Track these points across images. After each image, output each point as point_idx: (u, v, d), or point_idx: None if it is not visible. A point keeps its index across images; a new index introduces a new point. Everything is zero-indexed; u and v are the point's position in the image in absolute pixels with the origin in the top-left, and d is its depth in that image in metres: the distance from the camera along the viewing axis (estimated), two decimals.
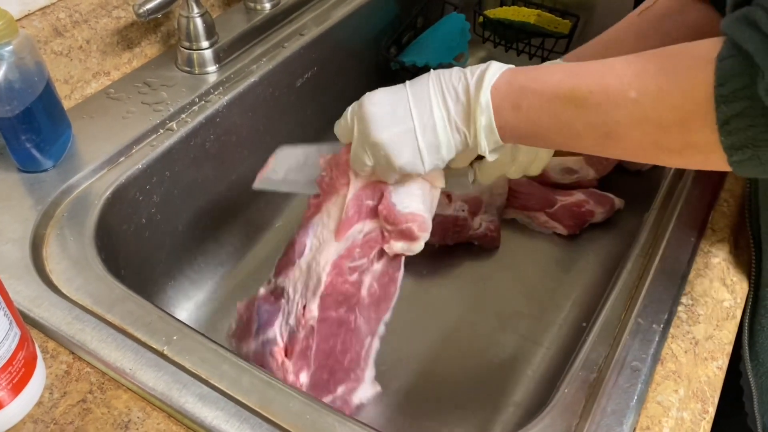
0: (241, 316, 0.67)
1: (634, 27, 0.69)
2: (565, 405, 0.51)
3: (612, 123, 0.47)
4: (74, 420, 0.48)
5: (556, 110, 0.49)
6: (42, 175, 0.67)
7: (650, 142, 0.46)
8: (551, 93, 0.49)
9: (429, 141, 0.54)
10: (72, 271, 0.59)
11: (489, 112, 0.51)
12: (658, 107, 0.44)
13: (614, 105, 0.46)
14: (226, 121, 0.79)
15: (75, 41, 0.74)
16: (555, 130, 0.50)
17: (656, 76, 0.44)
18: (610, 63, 0.48)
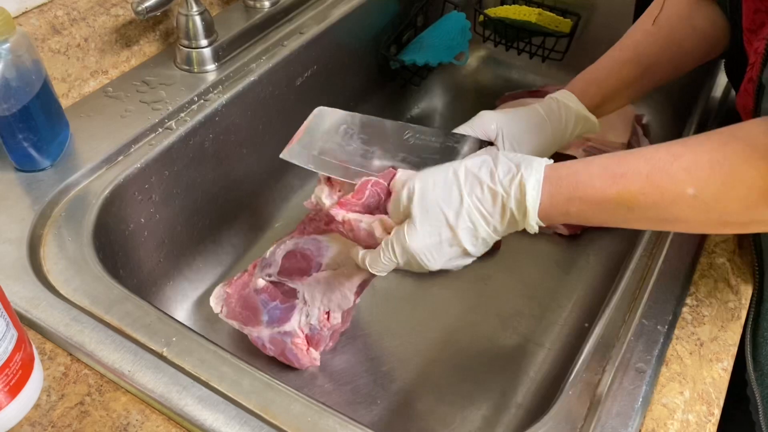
0: (230, 297, 0.70)
1: (650, 38, 0.69)
2: (569, 407, 0.50)
3: (671, 216, 0.47)
4: (72, 423, 0.48)
5: (608, 211, 0.49)
6: (39, 174, 0.67)
7: (714, 223, 0.46)
8: (599, 198, 0.48)
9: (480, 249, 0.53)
10: (70, 271, 0.58)
11: (536, 224, 0.51)
12: (720, 200, 0.44)
13: (672, 202, 0.45)
14: (226, 120, 0.79)
15: (73, 39, 0.73)
16: (610, 222, 0.50)
17: (713, 171, 0.43)
18: (652, 158, 0.46)
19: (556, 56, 1.03)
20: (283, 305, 0.70)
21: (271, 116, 0.86)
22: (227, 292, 0.71)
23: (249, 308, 0.70)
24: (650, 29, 0.70)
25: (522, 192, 0.50)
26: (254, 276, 0.71)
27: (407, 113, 1.11)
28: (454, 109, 1.13)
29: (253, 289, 0.70)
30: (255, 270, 0.71)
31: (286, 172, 0.93)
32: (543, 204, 0.50)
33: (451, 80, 1.15)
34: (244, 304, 0.70)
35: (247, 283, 0.71)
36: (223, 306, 0.71)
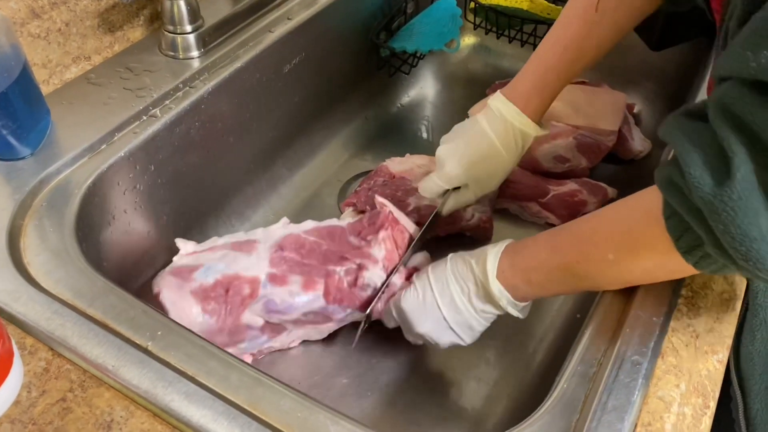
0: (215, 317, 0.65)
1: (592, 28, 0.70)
2: (564, 400, 0.49)
3: (607, 278, 0.55)
4: (54, 420, 0.46)
5: (560, 277, 0.56)
6: (19, 163, 0.65)
7: (649, 278, 0.54)
8: (548, 267, 0.56)
9: (460, 324, 0.62)
10: (51, 263, 0.57)
11: (504, 294, 0.59)
12: (635, 260, 0.50)
13: (599, 268, 0.53)
14: (212, 108, 0.77)
15: (53, 23, 0.71)
16: (568, 288, 0.60)
17: (623, 238, 0.51)
18: (580, 232, 0.55)
19: None
20: (268, 340, 0.69)
21: (258, 104, 0.84)
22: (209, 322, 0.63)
23: (231, 336, 0.65)
24: (593, 18, 0.69)
25: (483, 261, 0.59)
26: (249, 310, 0.64)
27: (397, 101, 1.10)
28: (444, 97, 1.12)
29: (245, 324, 0.65)
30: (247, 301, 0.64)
31: (274, 162, 0.91)
32: (505, 272, 0.58)
33: (441, 68, 1.13)
34: (227, 333, 0.65)
35: (238, 314, 0.64)
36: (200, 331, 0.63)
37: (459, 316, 0.61)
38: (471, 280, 0.60)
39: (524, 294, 0.59)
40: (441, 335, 0.63)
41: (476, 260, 0.60)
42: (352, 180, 0.96)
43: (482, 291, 0.60)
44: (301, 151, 0.96)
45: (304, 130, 0.96)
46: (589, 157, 0.93)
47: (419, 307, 0.63)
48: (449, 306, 0.61)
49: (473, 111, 0.98)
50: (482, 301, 0.60)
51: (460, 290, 0.61)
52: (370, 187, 0.86)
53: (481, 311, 0.61)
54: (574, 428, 0.48)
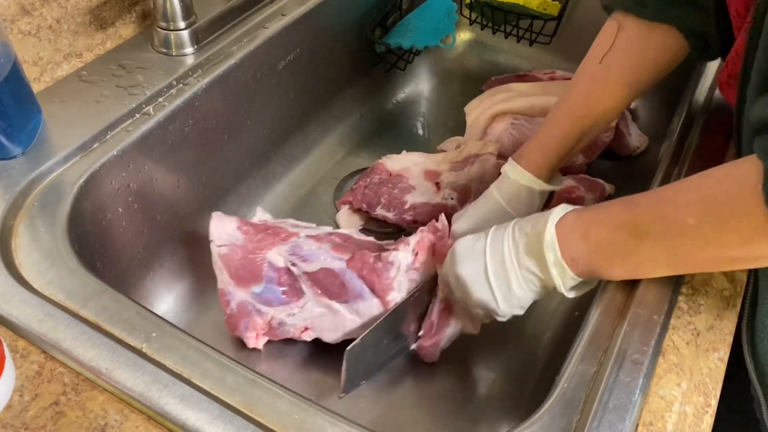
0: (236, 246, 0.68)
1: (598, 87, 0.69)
2: (565, 400, 0.49)
3: (676, 247, 0.50)
4: (47, 424, 0.46)
5: (622, 239, 0.52)
6: (10, 162, 0.64)
7: (720, 259, 0.50)
8: (615, 223, 0.53)
9: (500, 278, 0.57)
10: (43, 264, 0.56)
11: (554, 247, 0.54)
12: (718, 231, 0.47)
13: (677, 233, 0.49)
14: (206, 105, 0.76)
15: (44, 20, 0.70)
16: (624, 259, 0.53)
17: (710, 204, 0.47)
18: (660, 193, 0.52)
19: (543, 40, 1.01)
20: (281, 296, 0.67)
21: (252, 101, 0.83)
22: (239, 238, 0.68)
23: (249, 270, 0.67)
24: (598, 75, 0.68)
25: (549, 213, 0.55)
26: (276, 248, 0.67)
27: (393, 98, 1.09)
28: (440, 93, 1.11)
29: (267, 261, 0.67)
30: (278, 242, 0.68)
31: (269, 159, 0.90)
32: (567, 224, 0.54)
33: (437, 64, 1.13)
34: (247, 263, 0.67)
35: (265, 247, 0.67)
36: (225, 245, 0.67)
37: (501, 268, 0.57)
38: (528, 234, 0.56)
39: (575, 254, 0.54)
40: (476, 286, 0.59)
41: (543, 213, 0.57)
42: (348, 177, 0.95)
43: (534, 244, 0.55)
44: (296, 149, 0.95)
45: (299, 127, 0.95)
46: (586, 153, 0.93)
47: (467, 250, 0.60)
48: (494, 255, 0.58)
49: (469, 109, 0.97)
50: (530, 257, 0.56)
51: (513, 244, 0.57)
52: (367, 185, 0.86)
53: (525, 268, 0.56)
54: (575, 428, 0.47)
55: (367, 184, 0.86)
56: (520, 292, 0.57)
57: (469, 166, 0.86)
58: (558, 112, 0.72)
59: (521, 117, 0.94)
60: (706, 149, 0.70)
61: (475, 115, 0.95)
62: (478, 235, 0.60)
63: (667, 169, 0.68)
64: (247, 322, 0.68)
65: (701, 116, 0.74)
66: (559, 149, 0.71)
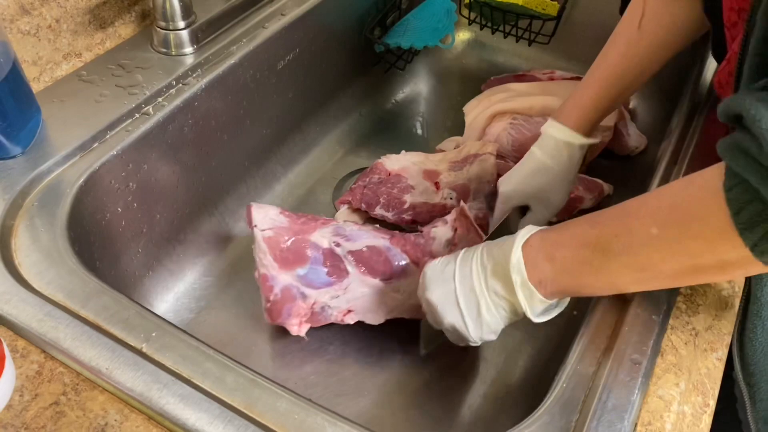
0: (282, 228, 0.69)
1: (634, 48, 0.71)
2: (564, 400, 0.49)
3: (643, 261, 0.49)
4: (47, 424, 0.46)
5: (588, 257, 0.51)
6: (9, 162, 0.64)
7: (687, 269, 0.48)
8: (579, 242, 0.52)
9: (470, 302, 0.57)
10: (43, 264, 0.56)
11: (521, 269, 0.54)
12: (682, 238, 0.46)
13: (640, 243, 0.48)
14: (205, 105, 0.76)
15: (43, 20, 0.70)
16: (592, 277, 0.52)
17: (671, 212, 0.47)
18: (624, 207, 0.51)
19: (542, 39, 1.01)
20: (325, 277, 0.68)
21: (252, 101, 0.83)
22: (284, 221, 0.69)
23: (294, 252, 0.67)
24: (634, 37, 0.70)
25: (515, 236, 0.56)
26: (319, 230, 0.69)
27: (392, 98, 1.09)
28: (439, 93, 1.11)
29: (312, 242, 0.68)
30: (320, 225, 0.70)
31: (268, 159, 0.90)
32: (532, 246, 0.54)
33: (436, 64, 1.13)
34: (293, 245, 0.68)
35: (310, 230, 0.69)
36: (269, 228, 0.68)
37: (470, 293, 0.57)
38: (495, 257, 0.56)
39: (542, 276, 0.54)
40: (446, 310, 0.59)
41: (510, 237, 0.57)
42: (347, 177, 0.95)
43: (501, 266, 0.55)
44: (295, 148, 0.95)
45: (299, 126, 0.95)
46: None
47: (438, 274, 0.60)
48: (463, 280, 0.58)
49: (468, 108, 0.97)
50: (497, 279, 0.56)
51: (481, 267, 0.57)
52: (366, 185, 0.86)
53: (493, 292, 0.56)
54: (575, 427, 0.47)
55: (366, 183, 0.86)
56: (489, 317, 0.57)
57: (468, 165, 0.86)
58: (596, 71, 0.73)
59: (520, 117, 0.94)
60: (705, 149, 0.70)
61: (474, 115, 0.96)
62: (447, 259, 0.61)
63: (665, 169, 0.68)
64: (290, 308, 0.67)
65: (700, 116, 0.75)
66: (597, 105, 0.72)
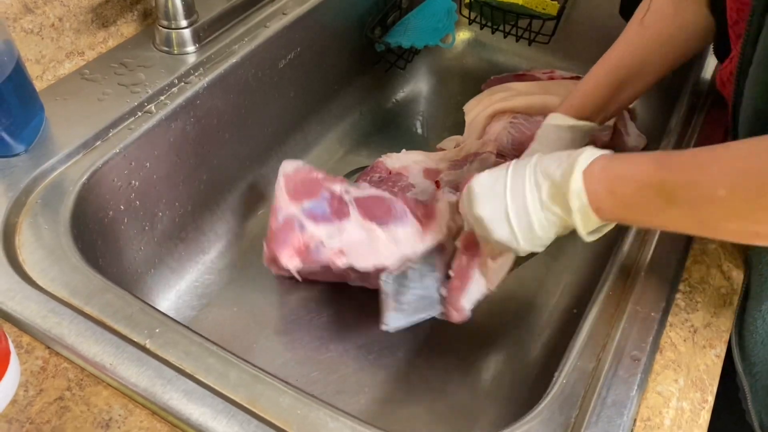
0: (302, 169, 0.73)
1: (636, 39, 0.71)
2: (564, 396, 0.49)
3: (704, 216, 0.47)
4: (51, 419, 0.46)
5: (650, 199, 0.49)
6: (13, 160, 0.64)
7: (749, 233, 0.46)
8: (643, 183, 0.50)
9: (521, 219, 0.56)
10: (47, 261, 0.56)
11: (581, 196, 0.52)
12: (749, 206, 0.44)
13: (704, 201, 0.46)
14: (207, 104, 0.76)
15: (47, 19, 0.70)
16: (650, 216, 0.51)
17: (745, 177, 0.44)
18: (697, 157, 0.48)
19: (542, 39, 1.02)
20: (327, 213, 0.70)
21: (254, 99, 0.84)
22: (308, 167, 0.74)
23: (307, 187, 0.71)
24: (637, 30, 0.70)
25: (576, 155, 0.53)
26: (331, 179, 0.73)
27: (392, 97, 1.09)
28: (439, 92, 1.12)
29: (323, 183, 0.72)
30: (339, 181, 0.73)
31: (270, 157, 0.91)
32: (594, 173, 0.52)
33: (436, 63, 1.13)
34: (308, 182, 0.72)
35: (327, 179, 0.73)
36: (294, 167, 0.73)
37: (522, 210, 0.55)
38: (552, 175, 0.54)
39: (600, 205, 0.52)
40: (497, 226, 0.57)
41: (569, 154, 0.54)
42: (347, 176, 0.95)
43: (559, 187, 0.53)
44: (296, 147, 0.95)
45: (300, 125, 0.95)
46: None
47: (486, 190, 0.58)
48: (515, 197, 0.56)
49: (468, 108, 0.97)
50: (554, 199, 0.54)
51: (535, 184, 0.55)
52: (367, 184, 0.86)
53: (547, 209, 0.54)
54: (574, 424, 0.48)
55: (367, 182, 0.86)
56: (541, 233, 0.56)
57: (469, 164, 0.87)
58: (597, 65, 0.73)
59: (520, 116, 0.94)
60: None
61: (474, 114, 0.96)
62: (496, 174, 0.58)
63: None
64: (287, 237, 0.70)
65: (699, 116, 0.75)
66: (596, 92, 0.72)
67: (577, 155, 0.53)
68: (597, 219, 0.53)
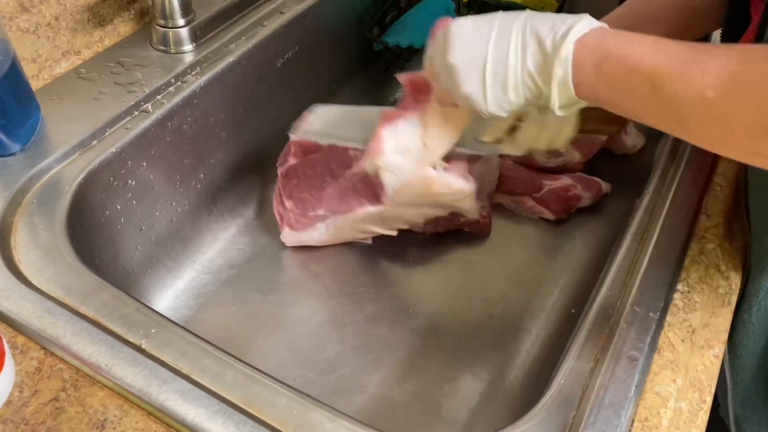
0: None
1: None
2: (561, 396, 0.49)
3: (685, 114, 0.45)
4: (46, 420, 0.46)
5: (635, 84, 0.47)
6: (9, 159, 0.64)
7: (722, 142, 0.45)
8: (633, 65, 0.47)
9: (497, 76, 0.51)
10: (42, 260, 0.56)
11: (567, 66, 0.48)
12: (735, 113, 0.42)
13: (690, 98, 0.44)
14: (204, 103, 0.76)
15: (43, 17, 0.70)
16: (630, 102, 0.49)
17: (734, 81, 0.42)
18: (694, 51, 0.45)
19: None
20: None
21: (251, 99, 0.84)
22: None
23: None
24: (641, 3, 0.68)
25: (573, 21, 0.49)
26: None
27: (391, 96, 1.09)
28: None
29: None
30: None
31: (268, 157, 0.90)
32: (587, 44, 0.48)
33: None
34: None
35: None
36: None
37: (501, 67, 0.51)
38: (542, 37, 0.50)
39: (582, 79, 0.49)
40: (468, 78, 0.52)
41: (564, 18, 0.50)
42: None
43: (546, 52, 0.49)
44: None
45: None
46: (583, 152, 0.93)
47: (466, 37, 0.52)
48: (498, 51, 0.51)
49: None
50: (536, 63, 0.50)
51: (521, 42, 0.50)
52: None
53: (528, 74, 0.50)
54: (572, 424, 0.47)
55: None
56: (513, 97, 0.52)
57: (472, 165, 0.86)
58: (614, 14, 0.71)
59: None
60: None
61: None
62: (481, 22, 0.53)
63: (663, 168, 0.68)
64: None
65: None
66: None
67: (574, 21, 0.49)
68: (573, 94, 0.50)
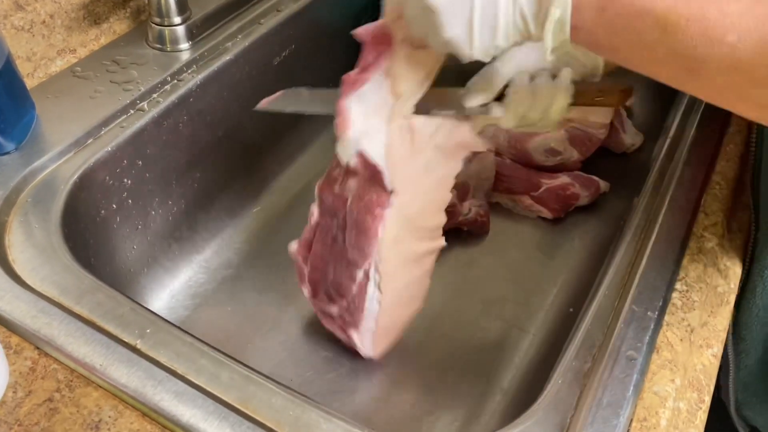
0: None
1: None
2: (559, 396, 0.49)
3: (699, 61, 0.41)
4: (40, 420, 0.45)
5: (643, 28, 0.42)
6: (3, 158, 0.64)
7: (734, 92, 0.41)
8: (643, 7, 0.42)
9: (486, 17, 0.45)
10: (37, 260, 0.56)
11: (566, 5, 0.43)
12: (757, 60, 0.39)
13: (708, 43, 0.40)
14: (200, 101, 0.76)
15: (38, 15, 0.70)
16: (634, 47, 0.43)
17: (760, 24, 0.38)
18: None
19: None
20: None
21: (248, 97, 0.83)
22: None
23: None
24: None
25: None
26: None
27: None
28: None
29: None
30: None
31: (264, 155, 0.90)
32: None
33: None
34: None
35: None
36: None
37: (491, 8, 0.44)
38: None
39: (582, 23, 0.44)
40: (453, 20, 0.46)
41: None
42: None
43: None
44: (291, 146, 0.95)
45: (294, 124, 0.95)
46: (581, 150, 0.93)
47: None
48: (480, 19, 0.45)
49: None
50: (532, 3, 0.44)
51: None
52: None
53: (520, 13, 0.44)
54: (570, 424, 0.47)
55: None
56: (502, 41, 0.46)
57: (467, 163, 0.86)
58: None
59: None
60: (701, 146, 0.70)
61: None
62: None
63: (661, 166, 0.68)
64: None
65: (696, 113, 0.75)
66: None
67: None
68: (568, 38, 0.44)
